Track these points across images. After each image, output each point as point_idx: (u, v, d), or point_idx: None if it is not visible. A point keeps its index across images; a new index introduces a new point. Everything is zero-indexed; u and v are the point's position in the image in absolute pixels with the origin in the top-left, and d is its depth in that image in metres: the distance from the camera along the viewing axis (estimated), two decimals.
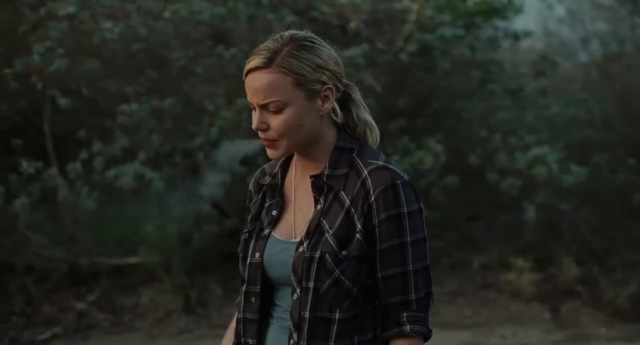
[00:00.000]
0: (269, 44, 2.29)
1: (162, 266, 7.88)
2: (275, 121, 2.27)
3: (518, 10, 8.89)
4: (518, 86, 8.63)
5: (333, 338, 2.26)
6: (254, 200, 2.48)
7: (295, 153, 2.39)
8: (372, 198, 2.25)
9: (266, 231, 2.39)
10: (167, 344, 7.14)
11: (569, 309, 7.77)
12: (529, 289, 7.90)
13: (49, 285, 7.97)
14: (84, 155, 7.58)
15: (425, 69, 8.16)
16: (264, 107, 2.28)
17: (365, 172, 2.28)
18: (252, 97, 2.29)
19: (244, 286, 2.40)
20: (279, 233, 2.37)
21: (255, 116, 2.30)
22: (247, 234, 2.43)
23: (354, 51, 7.45)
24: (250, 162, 8.03)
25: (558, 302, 7.85)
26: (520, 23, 10.48)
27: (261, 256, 2.36)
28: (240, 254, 2.43)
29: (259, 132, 2.31)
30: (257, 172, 2.52)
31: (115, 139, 7.63)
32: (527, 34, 8.75)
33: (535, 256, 8.31)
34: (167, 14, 7.38)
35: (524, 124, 8.81)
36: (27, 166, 7.35)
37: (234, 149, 7.82)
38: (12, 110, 8.16)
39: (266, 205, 2.43)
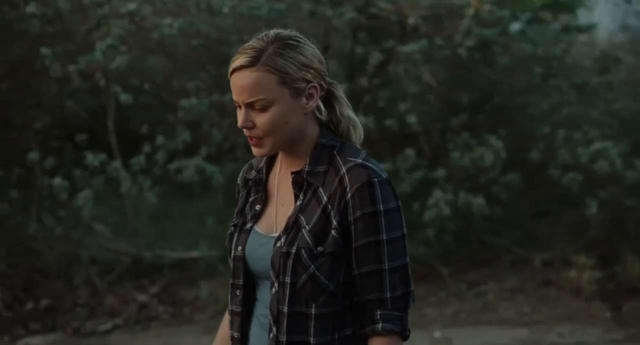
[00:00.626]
0: (254, 42, 2.31)
1: (222, 260, 7.98)
2: (261, 119, 2.29)
3: (586, 6, 8.76)
4: (584, 81, 8.50)
5: (312, 333, 2.28)
6: (240, 194, 2.52)
7: (280, 150, 2.41)
8: (349, 195, 2.26)
9: (248, 225, 2.42)
10: None
11: (630, 307, 7.63)
12: (590, 287, 7.78)
13: (112, 277, 8.14)
14: (147, 149, 7.73)
15: (486, 64, 8.10)
16: (249, 106, 2.29)
17: (344, 169, 2.29)
18: (237, 96, 2.31)
19: (231, 279, 2.44)
20: (261, 227, 2.40)
21: (241, 114, 2.32)
22: (232, 228, 2.47)
23: (412, 47, 7.44)
24: None
25: (620, 301, 7.71)
26: (596, 17, 10.33)
27: (243, 249, 2.40)
28: (228, 247, 2.47)
29: (245, 130, 2.33)
30: (245, 166, 2.55)
31: (177, 134, 7.76)
32: (591, 27, 8.60)
33: (599, 254, 8.18)
34: (225, 10, 7.47)
35: (590, 120, 8.68)
36: (91, 159, 7.52)
37: None
38: (78, 106, 8.35)
39: (250, 199, 2.47)
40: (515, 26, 8.24)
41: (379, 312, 2.29)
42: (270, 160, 2.47)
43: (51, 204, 8.05)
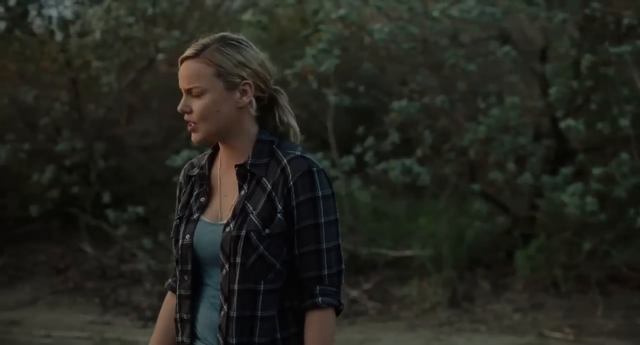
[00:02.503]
0: (203, 40, 2.67)
1: (433, 260, 8.12)
2: (196, 105, 2.62)
3: None
4: None
5: (260, 307, 2.59)
6: (183, 191, 2.80)
7: (221, 146, 2.71)
8: (291, 182, 2.58)
9: (195, 215, 2.71)
10: (425, 335, 7.38)
11: None
12: None
13: None
14: (358, 150, 8.04)
15: None
16: (188, 92, 2.64)
17: (285, 160, 2.61)
18: (181, 83, 2.66)
19: (178, 266, 2.72)
20: (207, 217, 2.69)
21: (182, 100, 2.67)
22: (178, 220, 2.75)
23: (623, 48, 7.24)
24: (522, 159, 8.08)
25: None
26: None
27: (191, 237, 2.68)
28: (172, 239, 2.75)
29: (185, 116, 2.66)
30: (186, 165, 2.85)
31: (389, 135, 8.00)
32: None
33: None
34: (435, 14, 7.60)
35: None
36: None
37: None
38: (298, 109, 8.76)
39: (194, 193, 2.76)
40: None
41: (318, 288, 2.60)
42: (212, 158, 2.76)
43: None
